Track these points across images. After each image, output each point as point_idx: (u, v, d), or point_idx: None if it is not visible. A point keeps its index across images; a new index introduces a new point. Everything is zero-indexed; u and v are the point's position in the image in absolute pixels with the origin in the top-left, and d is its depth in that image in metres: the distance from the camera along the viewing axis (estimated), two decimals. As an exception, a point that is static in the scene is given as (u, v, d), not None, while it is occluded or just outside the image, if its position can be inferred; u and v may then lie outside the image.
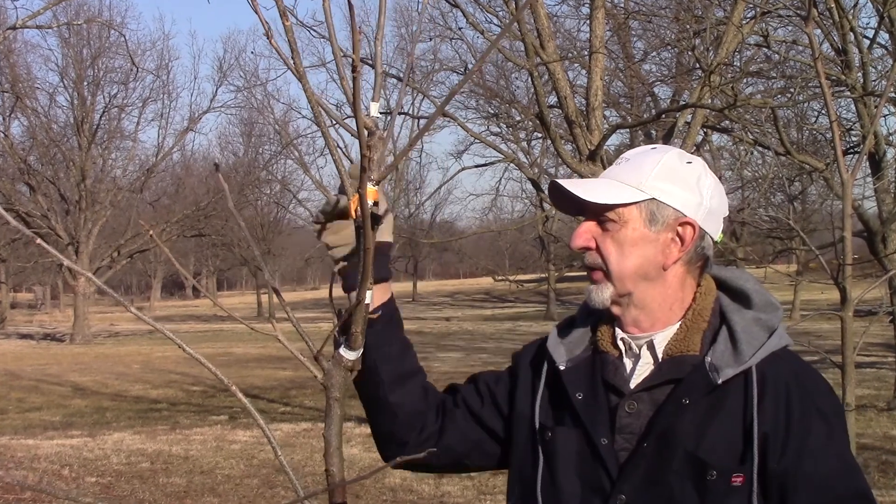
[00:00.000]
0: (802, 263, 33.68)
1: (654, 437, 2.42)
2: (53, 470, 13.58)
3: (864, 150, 11.56)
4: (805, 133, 23.08)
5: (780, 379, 2.41)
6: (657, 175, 2.47)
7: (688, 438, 2.39)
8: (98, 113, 48.47)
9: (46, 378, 26.90)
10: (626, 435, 2.48)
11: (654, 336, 2.52)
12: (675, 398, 2.42)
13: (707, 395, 2.40)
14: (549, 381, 2.64)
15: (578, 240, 2.53)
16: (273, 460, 13.83)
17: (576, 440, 2.53)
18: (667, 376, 2.46)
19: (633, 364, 2.54)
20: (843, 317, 7.34)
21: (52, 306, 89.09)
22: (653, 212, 2.47)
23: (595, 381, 2.55)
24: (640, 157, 2.52)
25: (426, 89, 34.58)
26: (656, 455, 2.41)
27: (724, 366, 2.40)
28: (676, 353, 2.48)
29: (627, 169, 2.51)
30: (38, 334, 51.18)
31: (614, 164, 2.56)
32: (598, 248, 2.51)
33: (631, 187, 2.46)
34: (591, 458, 2.50)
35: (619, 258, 2.48)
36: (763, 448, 2.35)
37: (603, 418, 2.51)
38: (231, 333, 47.47)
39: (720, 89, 13.92)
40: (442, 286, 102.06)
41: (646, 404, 2.47)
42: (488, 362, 28.92)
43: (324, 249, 2.48)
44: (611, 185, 2.49)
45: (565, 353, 2.63)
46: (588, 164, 14.24)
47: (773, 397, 2.38)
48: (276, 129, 58.28)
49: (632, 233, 2.47)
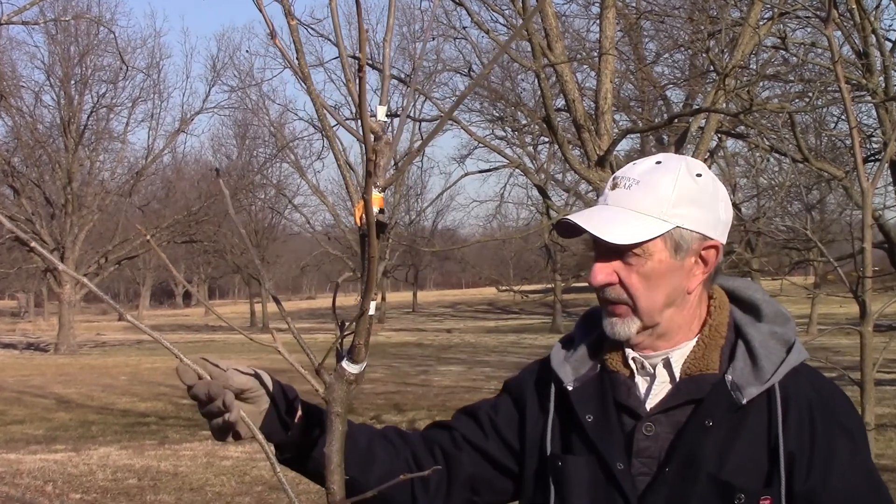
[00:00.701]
0: (820, 275, 33.73)
1: (677, 461, 2.39)
2: (36, 486, 13.57)
3: (885, 158, 11.56)
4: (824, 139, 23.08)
5: (802, 396, 2.40)
6: (677, 200, 2.43)
7: (711, 461, 2.37)
8: (86, 113, 48.58)
9: (29, 390, 26.89)
10: (643, 459, 2.45)
11: (671, 354, 2.50)
12: (698, 420, 2.40)
13: (729, 414, 2.39)
14: (558, 403, 2.61)
15: (600, 276, 2.47)
16: (266, 477, 13.83)
17: (588, 466, 2.50)
18: (686, 397, 2.45)
19: (649, 384, 2.51)
20: (863, 331, 7.34)
21: (36, 314, 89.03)
22: (677, 241, 2.43)
23: (606, 401, 2.52)
24: (651, 178, 2.45)
25: (428, 91, 34.61)
26: (679, 480, 2.39)
27: (747, 384, 2.39)
28: (695, 372, 2.46)
29: (640, 194, 2.44)
30: (21, 344, 51.18)
31: (620, 185, 2.49)
32: (622, 283, 2.46)
33: (652, 217, 2.42)
34: (607, 485, 2.47)
35: (647, 293, 2.44)
36: (789, 468, 2.34)
37: (617, 442, 2.47)
38: (223, 344, 47.46)
39: (735, 93, 13.93)
40: (443, 296, 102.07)
41: (664, 426, 2.45)
42: (491, 376, 28.93)
43: (320, 257, 2.46)
44: (630, 218, 2.42)
45: (571, 372, 2.60)
46: (597, 171, 14.24)
47: (797, 415, 2.38)
48: (271, 131, 58.48)
49: (658, 265, 2.43)
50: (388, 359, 35.55)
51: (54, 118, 48.74)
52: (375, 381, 27.25)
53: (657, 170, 2.46)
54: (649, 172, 2.46)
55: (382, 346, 41.86)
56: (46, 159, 47.25)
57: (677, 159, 2.51)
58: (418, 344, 45.62)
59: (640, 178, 2.45)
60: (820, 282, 32.23)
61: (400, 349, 41.51)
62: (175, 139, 52.68)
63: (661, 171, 2.45)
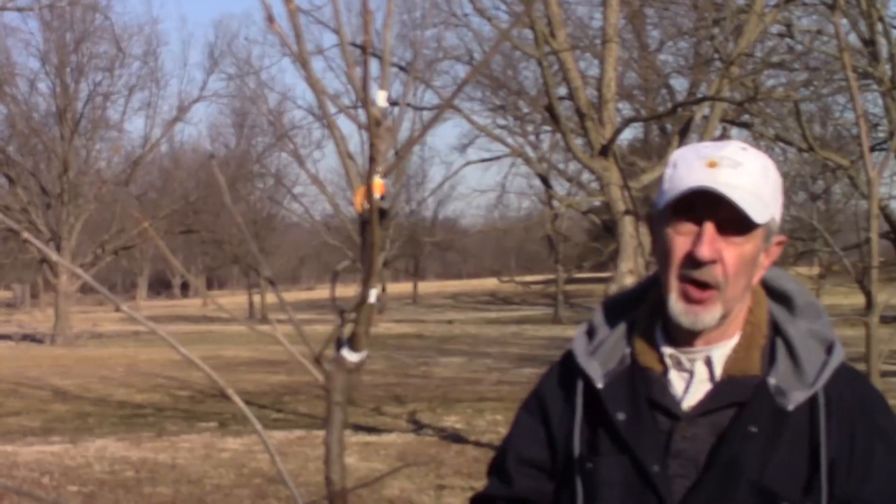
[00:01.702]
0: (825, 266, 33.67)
1: (718, 467, 2.34)
2: (33, 478, 13.58)
3: (891, 147, 11.59)
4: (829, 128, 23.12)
5: (844, 400, 2.36)
6: (773, 190, 2.39)
7: (753, 467, 2.32)
8: (81, 101, 48.42)
9: (25, 381, 26.89)
10: (681, 461, 2.39)
11: (712, 351, 2.43)
12: (741, 426, 2.35)
13: (772, 420, 2.34)
14: (585, 401, 2.53)
15: (707, 250, 2.33)
16: (265, 469, 13.84)
17: (621, 468, 2.44)
18: (728, 399, 2.39)
19: (687, 382, 2.44)
20: (869, 322, 7.35)
21: (32, 305, 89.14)
22: (769, 230, 2.39)
23: (638, 399, 2.45)
24: (751, 164, 2.37)
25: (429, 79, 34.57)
26: (719, 486, 2.34)
27: (791, 389, 2.34)
28: (737, 374, 2.40)
29: (750, 177, 2.35)
30: (17, 335, 51.14)
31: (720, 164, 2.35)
32: (722, 262, 2.36)
33: (763, 203, 2.35)
34: (642, 488, 2.40)
35: (736, 278, 2.36)
36: (830, 475, 2.30)
37: (652, 442, 2.41)
38: (221, 335, 47.43)
39: (740, 81, 13.95)
40: (444, 287, 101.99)
41: (703, 428, 2.39)
42: (492, 368, 28.93)
43: (319, 248, 2.44)
44: (753, 198, 2.34)
45: (599, 367, 2.52)
46: (600, 159, 14.25)
47: (838, 420, 2.34)
48: (269, 119, 58.44)
49: (753, 251, 2.37)
50: (389, 350, 35.53)
51: (50, 106, 48.69)
52: (375, 372, 27.25)
53: (752, 155, 2.40)
54: (747, 157, 2.38)
55: (383, 338, 41.85)
56: (42, 148, 47.20)
57: (755, 149, 2.45)
58: (419, 335, 45.61)
59: (741, 161, 2.36)
60: (825, 272, 32.20)
61: (400, 340, 41.50)
62: (172, 128, 52.80)
63: (757, 157, 2.40)
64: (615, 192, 14.07)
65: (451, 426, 17.51)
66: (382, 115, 1.62)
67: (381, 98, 1.64)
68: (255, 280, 69.06)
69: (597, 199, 16.01)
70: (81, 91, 48.66)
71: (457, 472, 13.55)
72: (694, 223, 2.35)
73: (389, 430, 17.19)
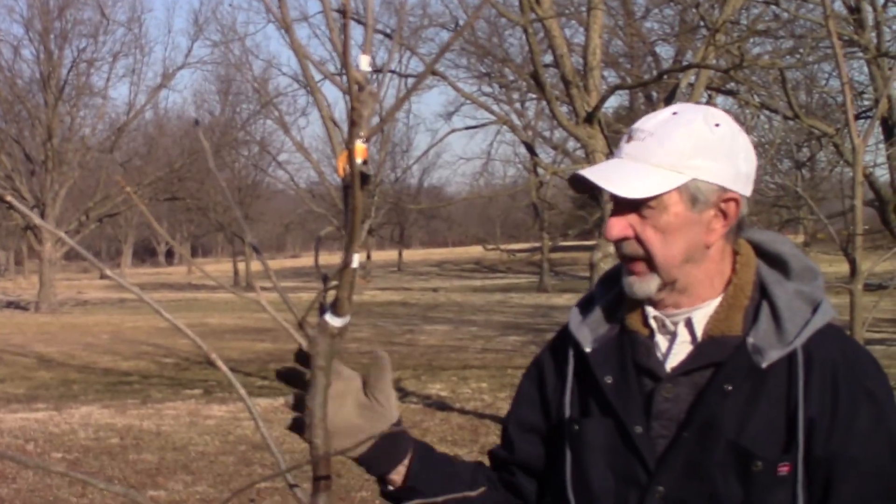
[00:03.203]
0: (810, 234, 33.75)
1: (696, 425, 2.37)
2: (17, 445, 13.60)
3: (876, 115, 11.61)
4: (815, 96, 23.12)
5: (826, 359, 2.35)
6: (693, 151, 2.37)
7: (730, 426, 2.34)
8: (66, 68, 48.26)
9: (10, 348, 26.88)
10: (663, 421, 2.42)
11: (693, 313, 2.45)
12: (718, 384, 2.37)
13: (749, 378, 2.35)
14: (576, 366, 2.57)
15: (614, 230, 2.41)
16: (250, 436, 13.88)
17: (605, 429, 2.48)
18: (707, 359, 2.41)
19: (669, 343, 2.47)
20: (853, 290, 7.37)
21: (16, 273, 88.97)
22: (694, 194, 2.37)
23: (625, 363, 2.49)
24: (665, 129, 2.39)
25: (414, 46, 34.50)
26: (697, 445, 2.36)
27: (768, 347, 2.35)
28: (717, 334, 2.42)
29: (655, 145, 2.38)
30: (1, 302, 51.11)
31: (634, 137, 2.43)
32: (638, 237, 2.41)
33: (665, 170, 2.37)
34: (625, 449, 2.44)
35: (663, 246, 2.39)
36: (808, 434, 2.30)
37: (636, 404, 2.45)
38: (206, 303, 47.48)
39: (726, 49, 13.93)
40: (429, 255, 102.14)
41: (685, 388, 2.42)
42: (477, 335, 28.98)
43: (304, 215, 2.45)
44: (643, 171, 2.38)
45: (589, 333, 2.56)
46: (585, 127, 14.25)
47: (820, 379, 2.33)
48: (254, 87, 58.20)
49: (674, 218, 2.38)
50: (374, 318, 35.59)
51: (33, 73, 48.52)
52: (360, 340, 27.28)
53: (672, 120, 2.40)
54: (664, 124, 2.40)
55: (368, 305, 41.91)
56: (26, 115, 47.00)
57: (694, 109, 2.45)
58: (404, 303, 45.67)
59: (655, 130, 2.40)
60: (810, 240, 32.26)
61: (385, 308, 41.57)
62: (157, 95, 52.65)
63: (677, 122, 2.40)
64: (600, 159, 14.06)
65: (435, 394, 17.56)
66: (365, 78, 1.61)
67: (363, 62, 1.63)
68: (239, 248, 69.13)
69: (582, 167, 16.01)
70: (65, 57, 48.52)
71: (441, 440, 13.60)
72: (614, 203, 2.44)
73: (374, 397, 17.20)
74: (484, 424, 14.62)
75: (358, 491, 10.81)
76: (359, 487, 10.92)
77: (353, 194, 1.67)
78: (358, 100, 1.59)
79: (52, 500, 10.73)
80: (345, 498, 10.51)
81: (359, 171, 1.66)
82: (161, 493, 11.03)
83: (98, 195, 47.51)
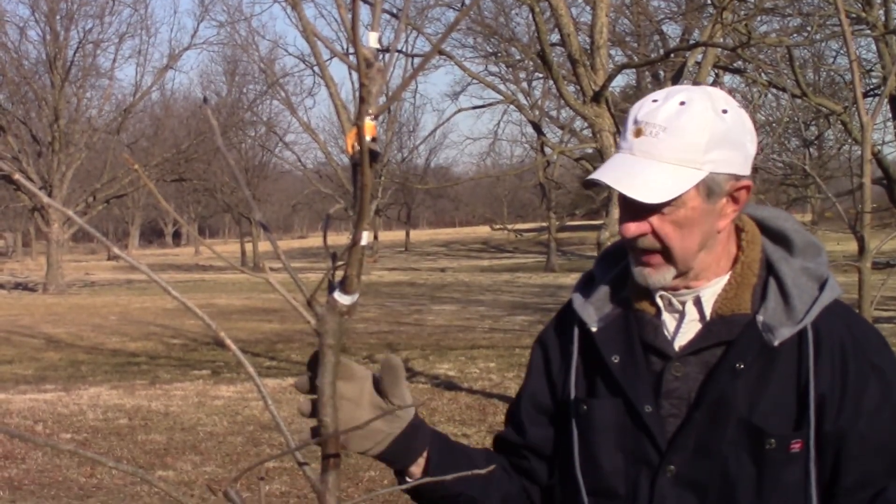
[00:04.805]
0: (818, 212, 33.78)
1: (707, 404, 2.36)
2: (26, 426, 13.63)
3: (884, 93, 11.56)
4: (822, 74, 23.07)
5: (834, 336, 2.36)
6: (708, 145, 2.33)
7: (741, 404, 2.34)
8: (72, 49, 48.17)
9: (18, 330, 26.93)
10: (673, 400, 2.41)
11: (702, 291, 2.44)
12: (729, 362, 2.36)
13: (760, 356, 2.35)
14: (581, 346, 2.56)
15: (632, 229, 2.38)
16: (258, 417, 13.90)
17: (614, 409, 2.47)
18: (717, 338, 2.40)
19: (678, 322, 2.46)
20: (861, 268, 7.36)
21: (24, 254, 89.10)
22: (710, 187, 2.35)
23: (632, 341, 2.48)
24: (678, 123, 2.33)
25: (421, 26, 34.43)
26: (709, 424, 2.36)
27: (779, 325, 2.34)
28: (726, 313, 2.41)
29: (669, 141, 2.32)
30: (9, 283, 51.18)
31: (645, 132, 2.35)
32: (655, 232, 2.37)
33: (683, 167, 2.33)
34: (635, 429, 2.44)
35: (681, 240, 2.37)
36: (819, 410, 2.31)
37: (645, 383, 2.44)
38: (213, 284, 47.51)
39: (733, 27, 13.89)
40: (436, 235, 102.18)
41: (694, 367, 2.41)
42: (485, 315, 28.99)
43: (312, 196, 2.43)
44: (662, 171, 2.32)
45: (594, 312, 2.54)
46: (592, 106, 14.22)
47: (829, 356, 2.34)
48: (261, 67, 58.16)
49: (692, 212, 2.35)
50: (382, 298, 35.62)
51: (40, 54, 48.45)
52: (368, 320, 27.32)
53: (683, 113, 2.34)
54: (676, 116, 2.33)
55: (375, 286, 41.95)
56: (32, 96, 46.95)
57: (701, 97, 2.38)
58: (411, 283, 45.70)
59: (667, 125, 2.33)
60: (818, 219, 32.26)
61: (393, 288, 41.60)
62: (163, 75, 52.53)
63: (688, 114, 2.33)
64: (607, 138, 14.04)
65: (443, 373, 17.58)
66: (373, 56, 1.61)
67: (372, 39, 1.62)
68: (246, 228, 69.15)
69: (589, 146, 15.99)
70: (72, 39, 48.45)
71: (449, 419, 13.62)
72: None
73: (382, 377, 17.21)
74: (492, 404, 14.64)
75: (366, 471, 10.83)
76: (367, 467, 10.94)
77: (362, 172, 1.67)
78: (367, 76, 1.58)
79: (62, 480, 10.76)
80: (353, 477, 10.53)
81: (368, 149, 1.65)
82: (170, 472, 11.05)
83: (105, 176, 47.53)
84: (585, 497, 2.51)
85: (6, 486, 10.49)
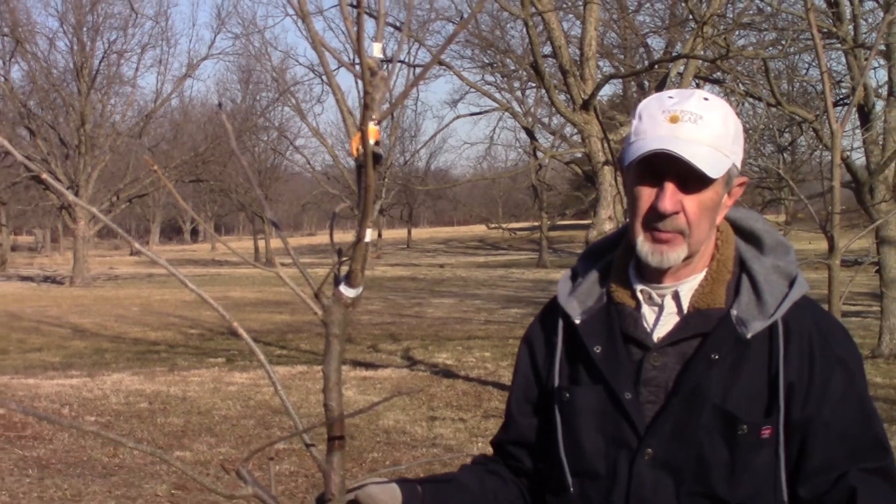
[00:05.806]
0: (791, 213, 33.73)
1: (684, 392, 2.37)
2: (53, 409, 13.62)
3: (853, 102, 11.57)
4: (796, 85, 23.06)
5: (803, 329, 2.38)
6: (734, 137, 2.38)
7: (716, 393, 2.35)
8: (97, 58, 48.19)
9: (47, 320, 26.93)
10: (651, 388, 2.42)
11: (680, 286, 2.45)
12: (704, 354, 2.37)
13: (734, 348, 2.36)
14: (565, 337, 2.56)
15: (670, 204, 2.34)
16: (269, 401, 13.89)
17: (596, 396, 2.47)
18: (694, 330, 2.41)
19: (657, 315, 2.47)
20: (831, 265, 7.37)
21: (52, 249, 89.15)
22: (729, 176, 2.39)
23: (613, 333, 2.48)
24: (712, 114, 2.35)
25: (422, 38, 34.43)
26: (685, 410, 2.37)
27: (751, 319, 2.36)
28: (703, 307, 2.42)
29: (708, 127, 2.34)
30: (39, 277, 51.20)
31: (682, 118, 2.34)
32: (684, 211, 2.36)
33: (721, 153, 2.35)
34: (615, 414, 2.44)
35: (700, 224, 2.37)
36: (788, 398, 2.33)
37: (625, 372, 2.44)
38: (228, 278, 47.49)
39: (713, 40, 13.89)
40: (436, 233, 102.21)
41: (672, 357, 2.41)
42: (481, 308, 29.00)
43: (320, 196, 2.43)
44: (710, 152, 2.33)
45: (578, 306, 2.55)
46: (581, 113, 14.21)
47: (798, 348, 2.36)
48: (273, 76, 58.22)
49: (714, 197, 2.37)
50: (385, 291, 35.63)
51: (67, 63, 48.47)
52: (372, 312, 27.33)
53: (711, 105, 2.37)
54: (708, 109, 2.36)
55: (379, 280, 41.96)
56: (61, 102, 46.95)
57: (717, 97, 2.42)
58: (413, 278, 45.70)
59: (703, 114, 2.35)
60: (791, 219, 32.23)
61: (395, 283, 41.61)
62: (182, 84, 52.66)
63: (717, 107, 2.38)
64: (595, 143, 14.05)
65: (442, 362, 17.56)
66: (377, 64, 1.61)
67: (376, 49, 1.63)
68: (259, 226, 69.25)
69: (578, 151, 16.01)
70: (97, 49, 48.45)
71: (447, 405, 13.61)
72: (657, 178, 2.36)
73: (385, 365, 17.24)
74: (487, 390, 14.63)
75: (370, 452, 10.83)
76: (370, 449, 10.94)
77: (366, 173, 1.67)
78: (371, 84, 1.59)
79: (86, 459, 10.75)
80: (357, 458, 10.53)
81: (371, 151, 1.66)
82: (187, 453, 11.04)
83: (128, 177, 47.55)
84: (570, 478, 2.51)
85: (35, 465, 10.48)
